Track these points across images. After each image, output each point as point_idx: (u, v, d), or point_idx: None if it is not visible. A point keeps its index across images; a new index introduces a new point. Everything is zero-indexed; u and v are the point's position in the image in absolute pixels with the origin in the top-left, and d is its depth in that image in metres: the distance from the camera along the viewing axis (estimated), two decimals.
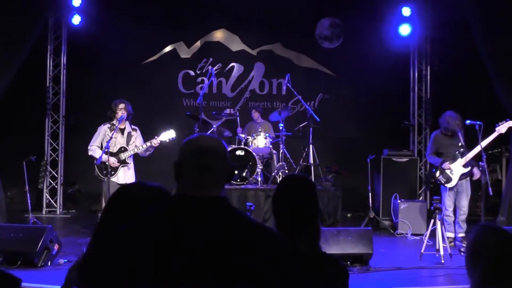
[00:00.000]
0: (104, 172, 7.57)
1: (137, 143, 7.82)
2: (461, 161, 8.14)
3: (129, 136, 7.82)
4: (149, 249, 1.80)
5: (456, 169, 8.17)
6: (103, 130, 7.74)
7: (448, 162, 8.21)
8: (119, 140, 7.73)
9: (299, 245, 2.51)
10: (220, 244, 1.79)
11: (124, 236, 1.87)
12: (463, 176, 8.18)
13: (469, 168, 8.14)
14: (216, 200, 1.92)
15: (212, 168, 1.95)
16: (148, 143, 7.66)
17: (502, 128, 7.93)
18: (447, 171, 8.20)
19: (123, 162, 7.70)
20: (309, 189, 2.70)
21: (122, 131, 7.79)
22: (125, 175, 7.72)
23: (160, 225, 1.86)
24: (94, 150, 7.71)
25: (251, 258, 1.78)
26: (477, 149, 7.93)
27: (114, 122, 7.71)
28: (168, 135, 7.72)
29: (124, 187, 2.54)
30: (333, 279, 2.53)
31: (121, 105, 7.70)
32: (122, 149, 7.71)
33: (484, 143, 7.86)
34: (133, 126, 7.95)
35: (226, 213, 1.90)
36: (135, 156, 7.95)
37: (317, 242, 2.62)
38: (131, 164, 7.87)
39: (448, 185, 8.19)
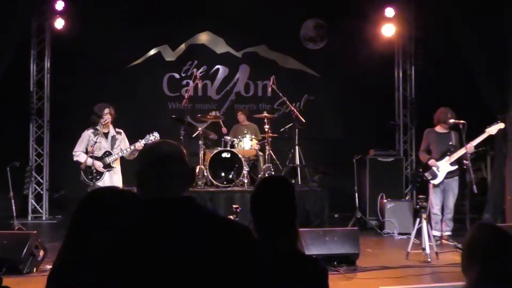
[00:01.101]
0: (90, 177, 7.51)
1: (122, 147, 7.75)
2: (448, 159, 8.20)
3: (114, 139, 7.75)
4: (125, 257, 1.79)
5: (443, 166, 8.23)
6: (87, 135, 7.64)
7: (434, 160, 8.29)
8: (103, 145, 7.64)
9: (278, 247, 2.50)
10: (192, 242, 1.80)
11: (101, 244, 1.86)
12: (449, 175, 8.25)
13: (456, 167, 8.21)
14: (183, 200, 1.95)
15: (172, 174, 1.99)
16: (132, 147, 7.60)
17: (492, 129, 8.04)
18: (434, 168, 8.26)
19: (108, 166, 7.63)
20: (287, 191, 2.70)
21: (106, 135, 7.71)
22: (111, 180, 7.64)
23: (134, 232, 1.86)
24: (79, 156, 7.62)
25: (222, 253, 1.80)
26: (463, 150, 8.04)
27: (98, 127, 7.64)
28: (152, 137, 7.66)
29: (95, 192, 2.50)
30: (313, 280, 2.53)
31: (106, 110, 7.64)
32: (107, 153, 7.64)
33: (473, 143, 7.95)
34: (117, 130, 7.87)
35: (195, 211, 1.92)
36: (122, 160, 7.89)
37: (295, 243, 2.62)
38: (117, 168, 7.79)
39: (434, 182, 8.27)
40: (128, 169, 8.23)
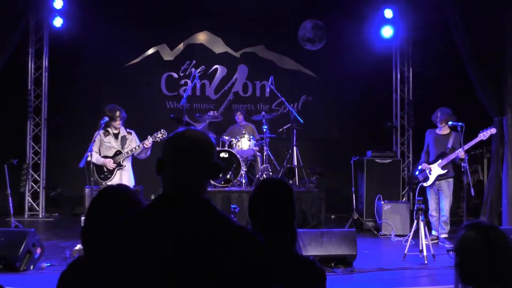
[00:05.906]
0: (102, 176, 7.62)
1: (133, 146, 7.80)
2: (440, 162, 8.28)
3: (124, 139, 7.80)
4: (128, 251, 1.77)
5: (435, 169, 8.38)
6: (98, 136, 7.71)
7: (427, 163, 8.49)
8: (113, 145, 7.73)
9: (276, 249, 2.49)
10: (201, 246, 1.74)
11: (104, 239, 1.85)
12: (440, 177, 8.35)
13: (446, 171, 8.30)
14: (197, 201, 1.87)
15: (189, 169, 1.89)
16: (141, 145, 7.66)
17: (484, 134, 8.09)
18: (426, 171, 8.42)
19: (118, 165, 7.69)
20: (286, 193, 2.69)
21: (116, 135, 7.78)
22: (121, 178, 7.69)
23: (140, 227, 1.82)
24: (92, 156, 7.67)
25: (232, 260, 1.74)
26: (454, 154, 8.14)
27: (111, 127, 7.70)
28: (160, 135, 7.69)
29: (106, 189, 2.53)
30: (311, 282, 2.53)
31: (117, 112, 7.69)
32: (118, 152, 7.71)
33: (466, 147, 7.98)
34: (128, 130, 7.94)
35: (207, 215, 1.84)
36: (134, 159, 7.92)
37: (293, 245, 2.62)
38: (127, 167, 7.84)
39: (425, 184, 8.46)
40: (140, 168, 8.25)
